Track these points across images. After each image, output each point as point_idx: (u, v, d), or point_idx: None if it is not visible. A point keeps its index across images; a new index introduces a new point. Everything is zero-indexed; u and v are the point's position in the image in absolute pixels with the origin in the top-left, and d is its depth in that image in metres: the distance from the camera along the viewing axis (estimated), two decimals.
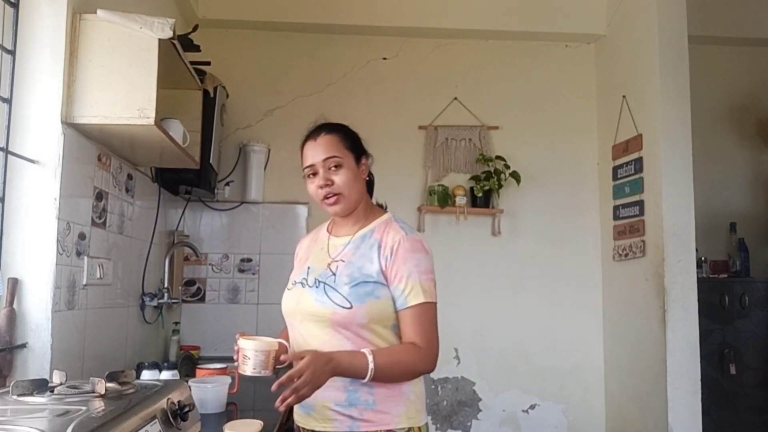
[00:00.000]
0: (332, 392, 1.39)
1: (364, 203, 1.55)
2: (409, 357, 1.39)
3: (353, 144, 1.53)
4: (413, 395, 1.44)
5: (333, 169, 1.47)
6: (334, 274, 1.46)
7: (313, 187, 1.50)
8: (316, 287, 1.46)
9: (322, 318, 1.41)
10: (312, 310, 1.44)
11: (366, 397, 1.40)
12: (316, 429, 1.44)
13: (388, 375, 1.37)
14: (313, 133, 1.53)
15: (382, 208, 1.63)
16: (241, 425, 1.41)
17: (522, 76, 3.38)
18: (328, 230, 1.61)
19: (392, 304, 1.43)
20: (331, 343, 1.41)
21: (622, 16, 3.15)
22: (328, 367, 1.30)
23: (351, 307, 1.39)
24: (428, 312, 1.41)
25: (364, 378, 1.34)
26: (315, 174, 1.49)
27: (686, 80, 2.81)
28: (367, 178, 1.56)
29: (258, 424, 1.39)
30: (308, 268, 1.54)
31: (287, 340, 1.55)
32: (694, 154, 2.79)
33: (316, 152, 1.48)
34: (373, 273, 1.42)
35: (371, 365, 1.33)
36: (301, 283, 1.51)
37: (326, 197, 1.48)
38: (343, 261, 1.48)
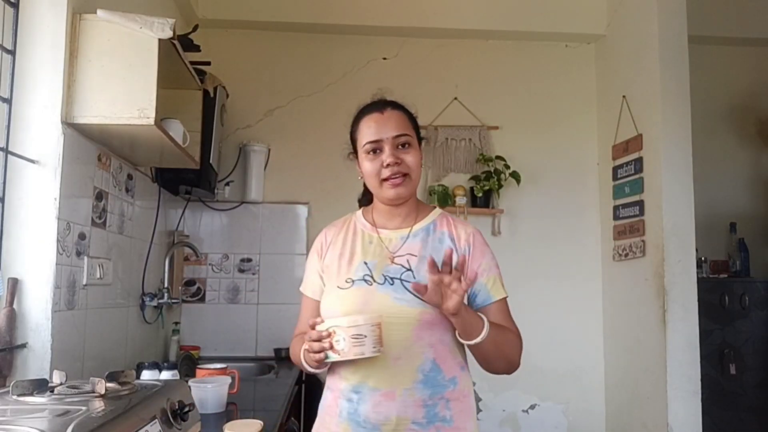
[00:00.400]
0: (411, 408, 1.26)
1: (416, 193, 1.45)
2: (515, 341, 1.34)
3: (416, 126, 1.45)
4: (475, 407, 1.40)
5: (402, 147, 1.36)
6: (410, 270, 1.32)
7: (376, 164, 1.35)
8: (390, 284, 1.31)
9: (408, 318, 1.27)
10: (393, 310, 1.27)
11: (444, 413, 1.28)
12: None
13: (495, 346, 1.27)
14: (378, 106, 1.43)
15: None
16: (241, 425, 1.40)
17: (522, 76, 3.38)
18: (370, 222, 1.46)
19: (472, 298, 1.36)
20: (413, 349, 1.27)
21: (622, 16, 3.15)
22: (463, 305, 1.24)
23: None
24: (507, 306, 1.37)
25: (476, 335, 1.23)
26: (379, 150, 1.36)
27: (686, 80, 2.81)
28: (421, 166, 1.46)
29: (258, 424, 1.39)
30: (364, 263, 1.37)
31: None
32: (694, 154, 2.79)
33: (385, 127, 1.36)
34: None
35: (486, 326, 1.24)
36: (365, 281, 1.33)
37: (392, 177, 1.33)
38: (414, 255, 1.34)
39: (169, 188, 2.71)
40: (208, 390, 1.70)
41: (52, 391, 1.19)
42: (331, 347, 1.18)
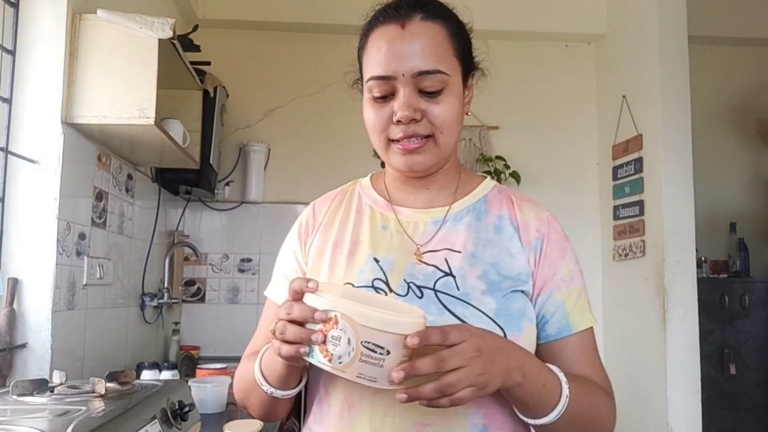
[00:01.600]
0: None
1: (454, 156, 0.95)
2: (607, 406, 0.84)
3: (465, 47, 0.91)
4: None
5: (428, 95, 0.84)
6: (450, 274, 0.83)
7: (383, 115, 0.86)
8: (417, 296, 0.82)
9: None
10: None
11: None
12: None
13: (578, 419, 0.79)
14: (401, 12, 0.86)
15: None
16: (241, 425, 1.41)
17: (522, 76, 3.37)
18: (383, 195, 0.96)
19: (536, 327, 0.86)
20: (452, 411, 0.76)
21: (622, 16, 3.15)
22: (508, 360, 0.73)
23: (505, 338, 0.79)
24: (592, 340, 0.89)
25: (547, 410, 0.76)
26: (389, 95, 0.85)
27: (686, 80, 2.81)
28: (468, 113, 0.95)
29: (258, 424, 1.39)
30: (374, 260, 0.88)
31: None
32: (694, 154, 2.78)
33: (404, 54, 0.83)
34: (521, 274, 0.85)
35: (566, 398, 0.76)
36: (375, 288, 0.85)
37: (406, 138, 0.85)
38: (457, 251, 0.86)
39: (169, 188, 2.71)
40: (208, 390, 1.70)
41: (52, 391, 1.19)
42: (324, 343, 0.67)
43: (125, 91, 1.73)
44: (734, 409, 3.06)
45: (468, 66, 0.93)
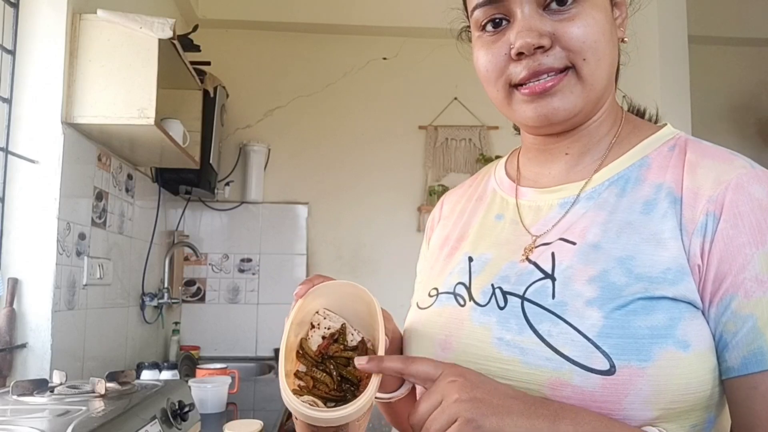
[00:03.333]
0: None
1: (611, 103, 0.72)
2: None
3: None
4: None
5: (559, 10, 0.63)
6: (551, 276, 0.62)
7: (497, 54, 0.65)
8: (500, 307, 0.63)
9: (532, 385, 0.58)
10: (491, 367, 0.61)
11: None
12: None
13: None
14: None
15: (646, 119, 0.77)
16: (241, 425, 1.41)
17: None
18: (512, 173, 0.79)
19: (712, 355, 0.57)
20: None
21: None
22: (528, 407, 0.54)
23: (611, 372, 0.54)
24: None
25: None
26: (501, 21, 0.65)
27: (686, 80, 2.81)
28: (625, 39, 0.76)
29: (258, 424, 1.39)
30: (469, 258, 0.71)
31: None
32: None
33: None
34: (669, 270, 0.57)
35: None
36: (454, 296, 0.69)
37: (532, 78, 0.63)
38: (574, 243, 0.63)
39: (169, 188, 2.71)
40: (208, 390, 1.70)
41: (52, 391, 1.19)
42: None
43: (125, 91, 1.73)
44: None
45: None
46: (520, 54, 0.62)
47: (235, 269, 3.13)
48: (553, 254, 0.63)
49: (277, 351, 2.97)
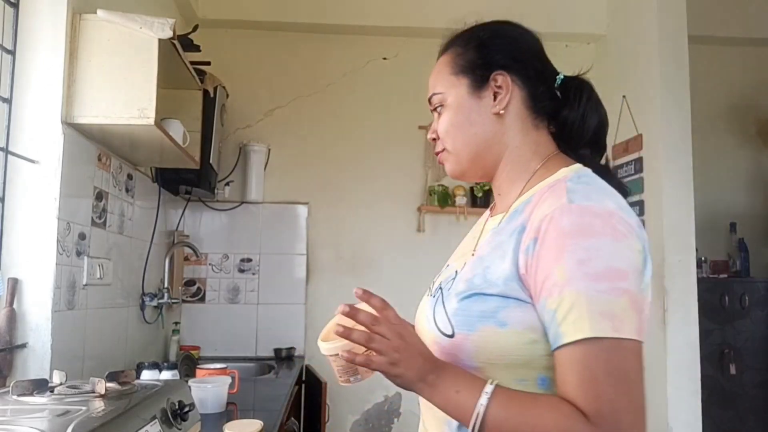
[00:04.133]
0: None
1: (524, 154, 0.93)
2: (560, 424, 0.73)
3: (475, 58, 0.96)
4: None
5: (437, 113, 0.98)
6: (456, 277, 0.91)
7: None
8: (434, 296, 0.94)
9: (430, 345, 0.87)
10: (421, 332, 0.92)
11: None
12: None
13: None
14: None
15: (575, 160, 0.92)
16: (241, 425, 1.41)
17: None
18: (490, 207, 1.06)
19: (541, 338, 0.79)
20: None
21: (622, 16, 3.15)
22: (423, 358, 0.81)
23: (452, 336, 0.84)
24: (605, 355, 0.72)
25: (466, 424, 0.78)
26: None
27: (686, 80, 2.81)
28: (502, 111, 0.93)
29: (258, 424, 1.39)
30: (447, 265, 1.03)
31: None
32: (694, 154, 2.78)
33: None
34: (498, 277, 0.82)
35: (480, 407, 0.76)
36: (428, 290, 1.00)
37: (437, 154, 0.99)
38: (476, 255, 0.91)
39: (169, 188, 2.71)
40: (208, 390, 1.70)
41: (52, 391, 1.19)
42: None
43: (125, 91, 1.73)
44: (734, 409, 3.06)
45: (484, 70, 0.94)
46: (433, 141, 1.00)
47: (235, 269, 3.13)
48: (465, 263, 0.93)
49: (276, 351, 2.97)
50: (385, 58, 3.32)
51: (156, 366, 1.91)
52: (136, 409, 1.10)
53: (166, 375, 1.87)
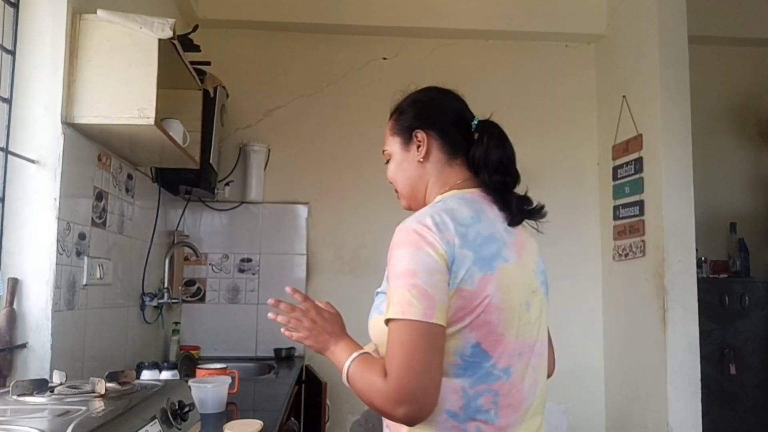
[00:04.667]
0: None
1: (437, 188, 1.20)
2: (372, 380, 1.01)
3: (403, 122, 1.25)
4: None
5: (388, 164, 1.29)
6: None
7: None
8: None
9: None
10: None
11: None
12: None
13: (356, 388, 1.06)
14: None
15: (505, 185, 1.19)
16: (241, 425, 1.41)
17: (522, 76, 3.37)
18: None
19: None
20: None
21: (622, 16, 3.15)
22: (321, 340, 1.16)
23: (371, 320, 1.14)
24: (400, 333, 0.98)
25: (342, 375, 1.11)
26: None
27: (686, 80, 2.81)
28: (422, 159, 1.21)
29: (258, 424, 1.39)
30: None
31: None
32: (694, 154, 2.79)
33: None
34: (385, 278, 1.11)
35: (346, 370, 1.09)
36: None
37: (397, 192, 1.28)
38: None
39: (169, 188, 2.71)
40: (208, 390, 1.70)
41: (52, 391, 1.19)
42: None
43: (125, 91, 1.73)
44: (734, 409, 3.06)
45: (407, 133, 1.24)
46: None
47: (235, 269, 3.13)
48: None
49: (276, 351, 2.97)
50: (385, 58, 3.32)
51: (156, 366, 1.91)
52: (136, 409, 1.10)
53: (166, 375, 1.87)
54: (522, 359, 1.07)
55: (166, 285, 2.66)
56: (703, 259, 3.22)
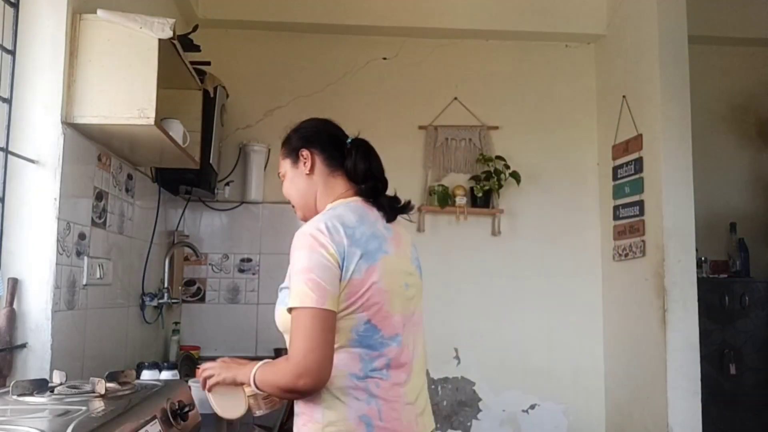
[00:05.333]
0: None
1: (324, 197, 1.42)
2: (275, 372, 1.24)
3: (291, 145, 1.46)
4: (324, 420, 1.24)
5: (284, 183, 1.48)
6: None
7: None
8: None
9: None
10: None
11: (296, 408, 1.32)
12: None
13: (266, 387, 1.27)
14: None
15: (375, 191, 1.44)
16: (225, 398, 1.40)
17: (522, 76, 3.38)
18: None
19: None
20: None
21: (622, 16, 3.15)
22: (232, 371, 1.35)
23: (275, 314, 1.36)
24: (298, 319, 1.20)
25: (250, 383, 1.30)
26: None
27: (686, 80, 2.81)
28: (309, 172, 1.42)
29: (240, 390, 1.38)
30: None
31: None
32: (694, 154, 2.78)
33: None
34: (287, 277, 1.31)
35: (252, 378, 1.28)
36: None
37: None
38: None
39: (169, 188, 2.71)
40: None
41: (52, 391, 1.19)
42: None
43: (125, 91, 1.73)
44: (734, 409, 3.06)
45: (294, 154, 1.44)
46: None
47: (235, 269, 3.13)
48: None
49: (277, 351, 2.97)
50: (385, 58, 3.32)
51: (156, 366, 1.91)
52: (136, 409, 1.10)
53: (166, 375, 1.87)
54: (405, 328, 1.31)
55: (166, 285, 2.66)
56: (703, 259, 3.22)
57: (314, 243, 1.23)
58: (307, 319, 1.19)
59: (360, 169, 1.42)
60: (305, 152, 1.43)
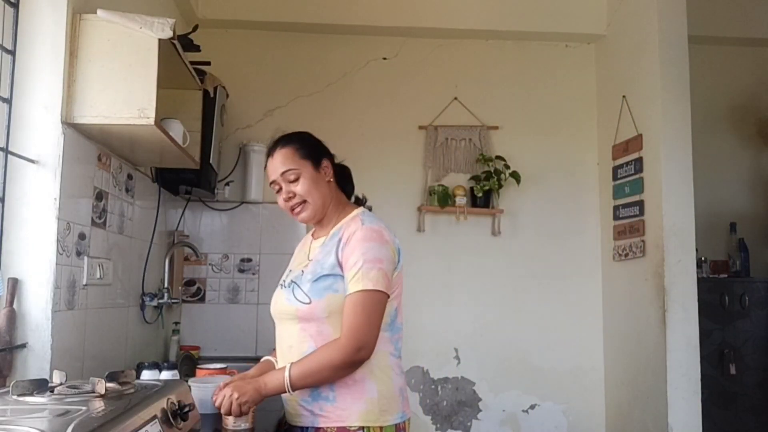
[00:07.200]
0: (302, 390, 1.46)
1: (335, 204, 1.60)
2: (325, 353, 1.40)
3: (309, 151, 1.57)
4: (377, 393, 1.44)
5: (292, 181, 1.54)
6: (303, 273, 1.52)
7: (280, 201, 1.59)
8: (288, 287, 1.54)
9: (291, 316, 1.50)
10: (283, 309, 1.54)
11: (327, 393, 1.44)
12: (291, 422, 1.54)
13: (312, 379, 1.41)
14: (270, 149, 1.60)
15: (359, 203, 1.67)
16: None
17: (522, 76, 3.38)
18: (312, 234, 1.68)
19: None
20: (299, 337, 1.49)
21: (622, 16, 3.15)
22: (251, 386, 1.41)
23: (310, 302, 1.45)
24: (366, 300, 1.40)
25: (287, 391, 1.41)
26: (280, 189, 1.58)
27: (686, 80, 2.81)
28: (331, 180, 1.59)
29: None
30: (289, 270, 1.64)
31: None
32: (694, 154, 2.79)
33: (275, 168, 1.56)
34: (330, 266, 1.47)
35: (287, 378, 1.39)
36: (281, 285, 1.60)
37: (293, 209, 1.56)
38: (312, 260, 1.54)
39: (169, 188, 2.71)
40: (208, 390, 1.70)
41: (52, 391, 1.19)
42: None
43: (125, 91, 1.73)
44: (734, 409, 3.06)
45: (316, 158, 1.57)
46: (287, 200, 1.58)
47: (235, 269, 3.13)
48: (308, 265, 1.54)
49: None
50: (385, 58, 3.32)
51: (156, 366, 1.91)
52: (136, 409, 1.10)
53: (166, 375, 1.87)
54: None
55: (166, 285, 2.66)
56: (703, 259, 3.22)
57: (383, 238, 1.46)
58: (374, 301, 1.40)
59: (350, 188, 1.69)
60: (326, 162, 1.59)
